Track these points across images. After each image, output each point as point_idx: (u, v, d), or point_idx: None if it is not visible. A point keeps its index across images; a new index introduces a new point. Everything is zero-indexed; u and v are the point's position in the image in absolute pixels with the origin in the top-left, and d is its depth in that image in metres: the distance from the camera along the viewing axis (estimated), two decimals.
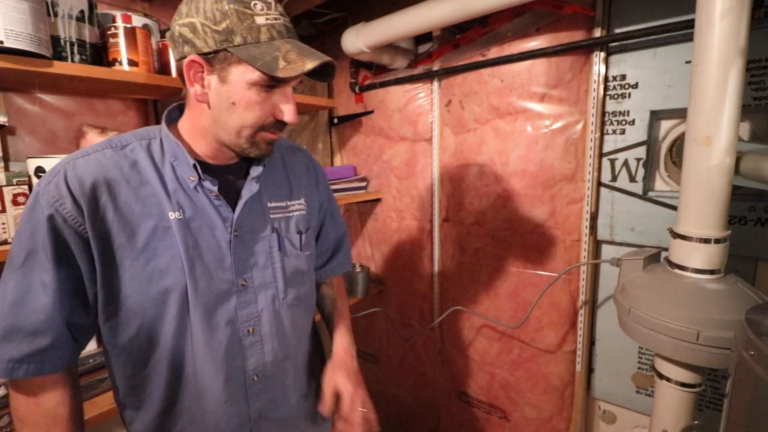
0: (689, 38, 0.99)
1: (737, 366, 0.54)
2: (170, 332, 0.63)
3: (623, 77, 1.11)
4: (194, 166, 0.63)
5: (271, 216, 0.72)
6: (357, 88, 1.63)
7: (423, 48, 1.52)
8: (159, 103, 1.26)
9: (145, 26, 1.06)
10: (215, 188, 0.64)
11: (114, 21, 1.00)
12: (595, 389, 1.28)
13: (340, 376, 0.77)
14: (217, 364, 0.66)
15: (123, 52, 1.00)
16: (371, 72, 1.63)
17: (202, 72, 0.59)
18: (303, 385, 0.81)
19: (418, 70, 1.47)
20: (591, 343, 1.27)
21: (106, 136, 1.04)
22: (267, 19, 0.58)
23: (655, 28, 1.00)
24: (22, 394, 0.60)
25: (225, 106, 0.60)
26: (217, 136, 0.64)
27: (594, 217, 1.19)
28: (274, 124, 0.63)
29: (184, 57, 0.59)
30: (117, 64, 1.00)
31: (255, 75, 0.58)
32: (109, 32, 1.00)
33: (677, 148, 1.08)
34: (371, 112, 1.62)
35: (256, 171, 0.69)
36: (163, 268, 0.61)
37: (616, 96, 1.13)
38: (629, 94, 1.11)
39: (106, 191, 0.59)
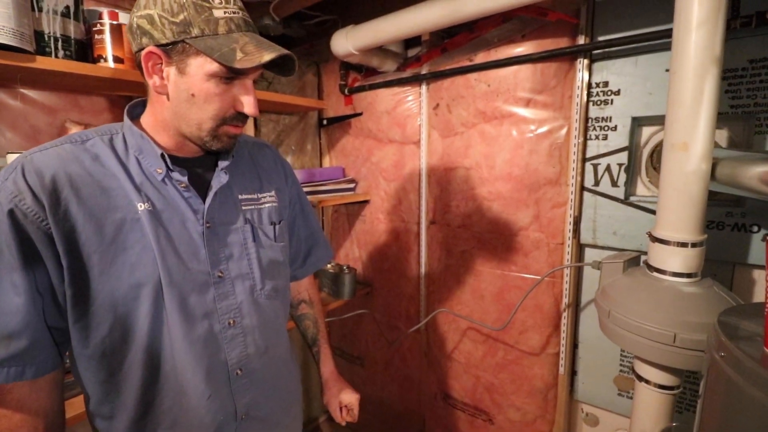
0: (669, 47, 1.02)
1: (710, 367, 0.56)
2: (145, 328, 0.61)
3: (606, 84, 1.14)
4: (162, 155, 0.62)
5: (243, 208, 0.72)
6: (346, 90, 1.64)
7: (412, 52, 1.53)
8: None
9: None
10: (184, 179, 0.64)
11: (100, 17, 0.99)
12: (578, 392, 1.29)
13: (345, 393, 0.91)
14: (198, 358, 0.64)
15: (108, 49, 0.99)
16: (361, 74, 1.64)
17: (161, 64, 0.59)
18: (287, 380, 0.81)
19: (407, 73, 1.48)
20: (574, 345, 1.28)
21: None
22: (225, 12, 0.58)
23: (636, 37, 1.02)
24: (5, 406, 0.57)
25: (184, 97, 0.60)
26: (178, 128, 0.63)
27: (577, 221, 1.21)
28: (236, 116, 0.63)
29: (143, 49, 0.58)
30: (102, 60, 0.99)
31: (213, 66, 0.57)
32: (94, 28, 0.99)
33: (657, 154, 1.10)
34: (360, 114, 1.63)
35: (224, 163, 0.69)
36: (134, 261, 0.59)
37: (599, 102, 1.16)
38: (612, 100, 1.14)
39: (68, 184, 0.57)
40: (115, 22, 1.00)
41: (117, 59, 1.00)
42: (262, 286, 0.73)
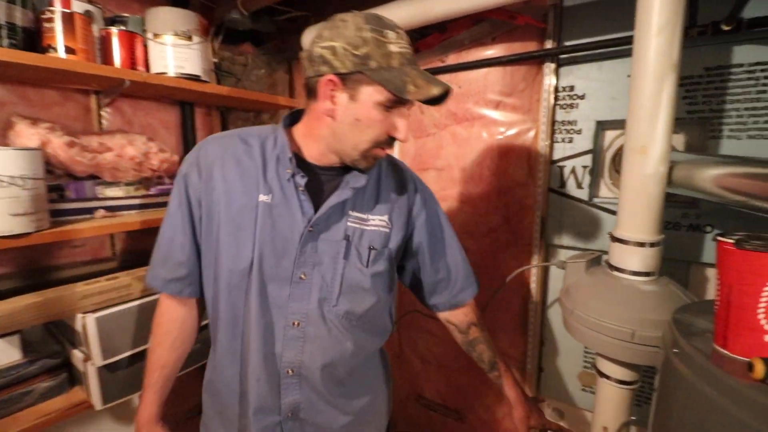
0: (631, 54, 1.06)
1: (664, 363, 0.57)
2: (231, 295, 0.73)
3: (572, 88, 1.17)
4: (290, 159, 0.71)
5: (348, 223, 0.75)
6: None
7: None
8: (101, 95, 1.19)
9: (86, 12, 1.00)
10: (303, 183, 0.71)
11: (51, 4, 0.94)
12: (544, 388, 1.32)
13: (533, 417, 0.90)
14: (261, 342, 0.72)
15: (59, 39, 0.93)
16: None
17: (335, 89, 0.66)
18: (344, 407, 0.80)
19: None
20: (540, 343, 1.31)
21: (38, 128, 0.96)
22: (398, 47, 0.65)
23: (601, 42, 1.05)
24: (164, 308, 0.80)
25: (349, 121, 0.67)
26: (332, 145, 0.71)
27: (544, 222, 1.24)
28: (388, 140, 0.70)
29: (320, 75, 0.66)
30: (51, 50, 0.93)
31: (383, 96, 0.65)
32: (44, 16, 0.93)
33: (620, 157, 1.14)
34: None
35: (358, 182, 0.74)
36: (241, 241, 0.71)
37: (565, 106, 1.18)
38: (577, 104, 1.17)
39: (221, 167, 0.72)
40: (67, 11, 0.94)
41: (69, 50, 0.94)
42: (335, 304, 0.74)
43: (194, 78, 1.20)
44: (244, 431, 0.76)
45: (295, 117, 0.78)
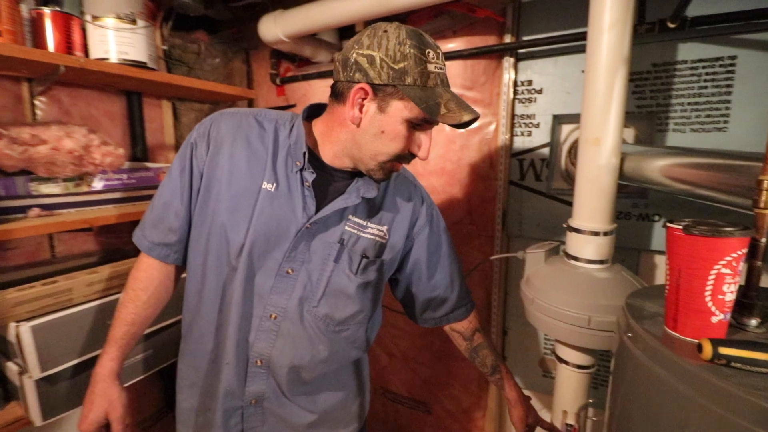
0: (585, 49, 1.09)
1: (619, 347, 0.59)
2: (220, 276, 0.72)
3: (530, 83, 1.19)
4: (304, 154, 0.70)
5: (346, 228, 0.74)
6: (278, 80, 1.56)
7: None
8: (34, 83, 1.08)
9: None
10: (310, 180, 0.70)
11: None
12: None
13: (530, 416, 0.91)
14: (237, 328, 0.71)
15: None
16: (294, 64, 1.57)
17: (365, 98, 0.65)
18: (307, 406, 0.79)
19: None
20: (504, 333, 1.34)
21: None
22: (436, 67, 0.65)
23: (557, 38, 1.08)
24: (145, 265, 0.78)
25: (374, 132, 0.66)
26: (350, 151, 0.70)
27: (505, 214, 1.26)
28: (407, 156, 0.70)
29: (353, 82, 0.64)
30: None
31: (412, 114, 0.64)
32: None
33: (575, 150, 1.18)
34: (293, 105, 1.56)
35: (369, 192, 0.73)
36: (235, 223, 0.70)
37: (524, 100, 1.21)
38: (535, 98, 1.19)
39: (230, 144, 0.71)
40: None
41: None
42: (316, 305, 0.74)
43: (140, 65, 1.11)
44: (215, 409, 0.75)
45: (313, 110, 0.77)
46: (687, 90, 1.00)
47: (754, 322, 0.50)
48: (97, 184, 1.14)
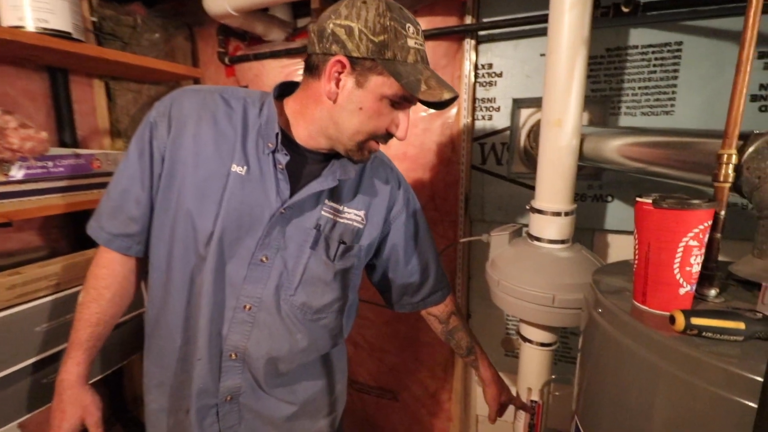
0: (544, 33, 1.10)
1: (587, 323, 0.60)
2: (184, 266, 0.67)
3: (490, 66, 1.19)
4: (276, 134, 0.65)
5: (322, 213, 0.71)
6: (227, 59, 1.45)
7: (302, 22, 1.41)
8: None
9: None
10: (284, 162, 0.66)
11: None
12: None
13: (503, 394, 0.92)
14: (208, 321, 0.67)
15: None
16: (244, 42, 1.46)
17: (342, 72, 0.61)
18: (285, 397, 0.75)
19: (297, 44, 1.36)
20: (468, 316, 1.35)
21: None
22: (416, 43, 0.62)
23: (518, 20, 1.08)
24: (106, 260, 0.71)
25: (351, 108, 0.63)
26: (326, 129, 0.66)
27: (468, 199, 1.26)
28: (385, 136, 0.67)
29: (329, 54, 0.61)
30: None
31: (392, 90, 0.61)
32: None
33: (534, 134, 1.20)
34: (245, 87, 1.45)
35: (346, 173, 0.70)
36: (203, 209, 0.65)
37: (484, 83, 1.20)
38: (496, 82, 1.19)
39: (195, 123, 0.66)
40: None
41: None
42: (293, 294, 0.70)
43: (63, 35, 0.98)
44: (188, 409, 0.70)
45: (285, 89, 0.72)
46: (638, 75, 1.04)
47: (713, 292, 0.52)
48: (17, 173, 1.00)
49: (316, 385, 0.79)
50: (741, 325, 0.40)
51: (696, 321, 0.40)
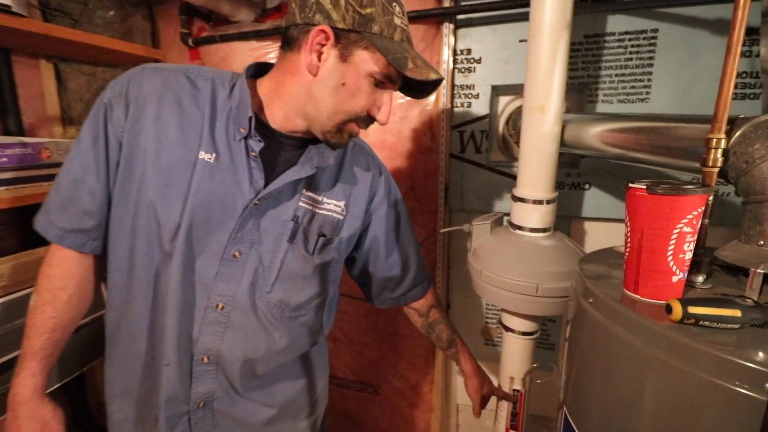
0: (523, 18, 1.08)
1: (576, 313, 0.59)
2: (152, 264, 0.61)
3: (469, 51, 1.16)
4: (249, 119, 0.61)
5: (300, 204, 0.66)
6: (191, 41, 1.35)
7: (273, 2, 1.33)
8: None
9: None
10: (257, 149, 0.61)
11: None
12: None
13: (485, 386, 0.90)
14: (176, 322, 0.62)
15: None
16: (209, 23, 1.37)
17: (325, 44, 0.57)
18: (264, 400, 0.71)
19: (266, 25, 1.28)
20: (448, 305, 1.34)
21: None
22: (401, 22, 0.60)
23: (497, 3, 1.05)
24: (59, 259, 0.64)
25: (333, 84, 0.59)
26: (303, 108, 0.62)
27: (447, 188, 1.24)
28: (366, 118, 0.63)
29: (312, 24, 0.57)
30: None
31: (377, 66, 0.58)
32: None
33: (512, 121, 1.18)
34: None
35: (325, 160, 0.66)
36: (167, 200, 0.60)
37: (463, 69, 1.18)
38: (474, 68, 1.17)
39: (156, 105, 0.59)
40: None
41: None
42: (269, 291, 0.66)
43: (1, 8, 0.87)
44: (156, 418, 0.65)
45: (259, 70, 0.67)
46: (615, 62, 1.04)
47: (701, 278, 0.51)
48: None
49: (296, 385, 0.75)
50: (737, 313, 0.39)
51: (693, 310, 0.39)
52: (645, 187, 0.45)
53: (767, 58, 0.83)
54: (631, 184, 0.47)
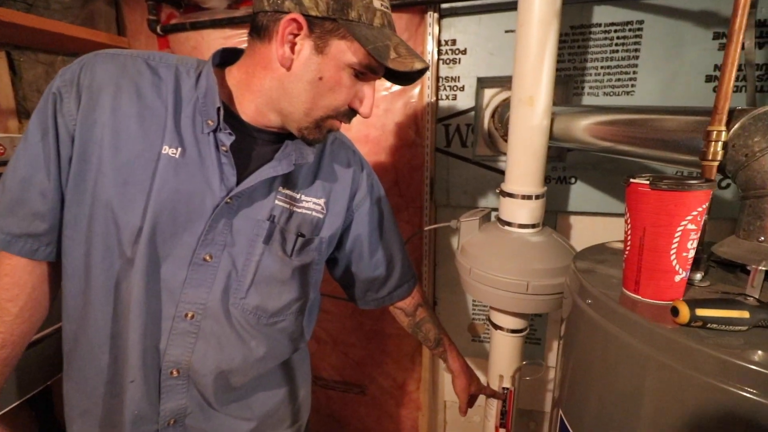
0: (508, 8, 1.06)
1: (571, 311, 0.57)
2: (111, 271, 0.56)
3: (454, 42, 1.13)
4: (218, 110, 0.55)
5: (276, 202, 0.62)
6: (159, 29, 1.27)
7: None
8: None
9: None
10: (228, 143, 0.56)
11: None
12: None
13: (473, 385, 0.88)
14: (141, 334, 0.56)
15: None
16: (179, 10, 1.29)
17: (298, 35, 0.53)
18: (242, 413, 0.66)
19: (241, 11, 1.22)
20: (434, 303, 1.32)
21: None
22: (382, 5, 0.55)
23: None
24: (8, 267, 0.58)
25: (309, 78, 0.54)
26: (277, 103, 0.57)
27: (432, 183, 1.21)
28: (347, 113, 0.59)
29: (281, 12, 0.52)
30: None
31: (357, 57, 0.53)
32: None
33: (498, 115, 1.16)
34: None
35: (304, 157, 0.61)
36: (126, 200, 0.54)
37: (448, 61, 1.14)
38: (459, 59, 1.13)
39: (113, 95, 0.54)
40: None
41: None
42: (244, 296, 0.61)
43: None
44: None
45: (227, 57, 0.62)
46: (601, 54, 1.02)
47: (699, 276, 0.50)
48: None
49: (277, 395, 0.71)
50: (746, 314, 0.37)
51: (701, 312, 0.38)
52: (648, 182, 0.43)
53: (751, 50, 0.83)
54: (632, 179, 0.45)
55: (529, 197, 0.85)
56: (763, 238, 0.46)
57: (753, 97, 0.82)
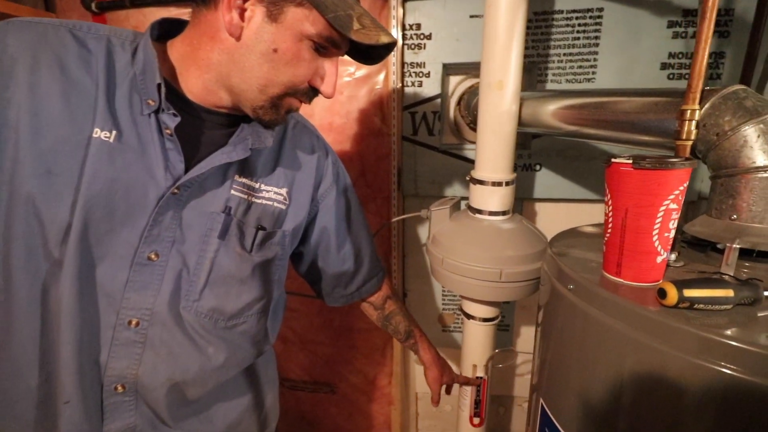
0: None
1: (550, 297, 0.55)
2: (37, 276, 0.48)
3: (419, 26, 1.09)
4: (158, 86, 0.48)
5: (232, 192, 0.56)
6: (94, 5, 1.14)
7: None
8: None
9: None
10: (172, 125, 0.50)
11: None
12: None
13: (445, 375, 0.86)
14: (73, 347, 0.49)
15: None
16: None
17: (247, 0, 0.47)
18: (200, 428, 0.60)
19: None
20: (404, 294, 1.30)
21: None
22: None
23: None
24: None
25: (262, 49, 0.49)
26: (226, 78, 0.51)
27: (400, 173, 1.18)
28: (308, 91, 0.53)
29: None
30: None
31: (315, 27, 0.48)
32: None
33: (465, 102, 1.14)
34: None
35: (262, 141, 0.55)
36: (53, 191, 0.47)
37: (413, 46, 1.11)
38: (424, 45, 1.10)
39: (30, 68, 0.46)
40: None
41: None
42: (197, 299, 0.55)
43: None
44: None
45: (168, 28, 0.55)
46: (563, 41, 1.03)
47: (673, 256, 0.50)
48: None
49: (240, 404, 0.65)
50: (730, 293, 0.37)
51: (689, 293, 0.37)
52: (630, 161, 0.41)
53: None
54: (613, 160, 0.43)
55: (499, 184, 0.84)
56: (735, 216, 0.46)
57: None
